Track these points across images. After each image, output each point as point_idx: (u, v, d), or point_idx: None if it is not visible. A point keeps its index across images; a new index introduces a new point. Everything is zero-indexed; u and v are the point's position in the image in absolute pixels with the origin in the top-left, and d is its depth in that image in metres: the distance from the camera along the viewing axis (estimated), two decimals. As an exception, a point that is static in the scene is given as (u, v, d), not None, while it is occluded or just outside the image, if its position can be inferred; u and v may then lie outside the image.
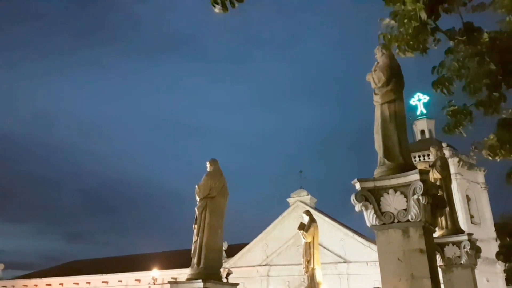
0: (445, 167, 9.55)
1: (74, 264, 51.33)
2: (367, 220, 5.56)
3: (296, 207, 30.72)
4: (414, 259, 5.10)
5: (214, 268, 8.73)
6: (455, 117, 5.00)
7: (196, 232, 9.06)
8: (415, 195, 5.22)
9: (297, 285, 27.54)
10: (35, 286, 43.23)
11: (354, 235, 28.07)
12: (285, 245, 30.24)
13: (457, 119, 4.97)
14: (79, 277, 40.44)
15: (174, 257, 37.11)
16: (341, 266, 27.18)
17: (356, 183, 5.66)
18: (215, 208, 9.23)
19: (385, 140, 5.88)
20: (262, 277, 30.54)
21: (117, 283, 37.71)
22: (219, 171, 9.81)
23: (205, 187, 9.33)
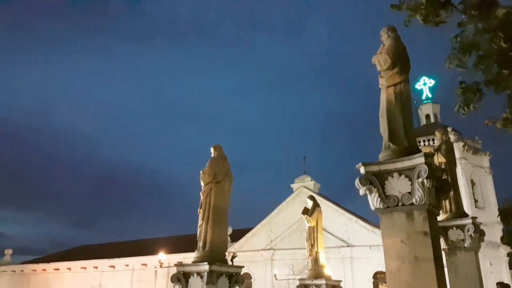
0: (450, 151, 9.53)
1: (82, 249, 52.17)
2: (371, 204, 5.58)
3: (299, 192, 30.89)
4: (418, 242, 5.13)
5: (220, 251, 8.83)
6: (465, 95, 4.96)
7: (201, 217, 9.13)
8: (419, 178, 5.23)
9: (300, 269, 27.87)
10: (43, 271, 44.05)
11: (357, 220, 28.25)
12: (288, 229, 30.51)
13: (467, 97, 4.92)
14: (86, 262, 41.13)
15: (180, 242, 37.56)
16: (345, 250, 27.43)
17: (360, 167, 5.67)
18: (220, 193, 9.28)
19: (390, 123, 5.85)
20: (266, 261, 30.92)
21: (124, 267, 38.33)
22: (223, 156, 9.84)
23: (210, 172, 9.37)
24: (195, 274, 8.26)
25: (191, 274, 8.32)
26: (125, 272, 38.16)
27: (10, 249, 49.31)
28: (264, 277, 30.56)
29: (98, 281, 39.63)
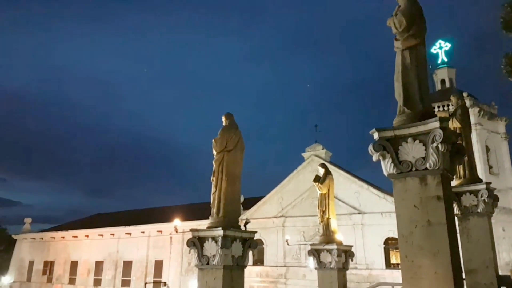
0: (465, 116, 9.35)
1: (98, 217, 53.77)
2: (385, 169, 5.56)
3: (311, 161, 30.96)
4: (431, 206, 5.13)
5: (233, 217, 8.98)
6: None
7: (214, 184, 9.23)
8: (434, 143, 5.16)
9: (311, 235, 28.39)
10: (62, 238, 45.67)
11: (369, 187, 28.33)
12: (300, 197, 30.84)
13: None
14: (103, 229, 42.42)
15: (193, 209, 38.41)
16: (356, 217, 27.71)
17: (374, 133, 5.61)
18: (232, 161, 9.33)
19: (405, 87, 5.74)
20: (277, 227, 31.50)
21: (139, 234, 39.49)
22: (235, 125, 9.83)
23: (222, 141, 9.40)
24: (210, 239, 8.46)
25: (206, 239, 8.52)
26: (141, 239, 39.37)
27: (29, 218, 51.10)
28: (276, 243, 31.25)
29: (115, 248, 41.03)
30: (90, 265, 42.51)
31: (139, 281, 37.76)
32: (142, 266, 38.71)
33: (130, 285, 38.98)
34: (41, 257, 46.90)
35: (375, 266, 26.22)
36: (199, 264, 8.52)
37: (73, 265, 43.85)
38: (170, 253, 37.43)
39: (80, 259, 43.53)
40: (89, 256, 42.80)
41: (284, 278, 29.96)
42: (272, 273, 30.68)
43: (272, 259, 31.13)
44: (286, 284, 29.48)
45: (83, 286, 42.05)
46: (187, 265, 35.94)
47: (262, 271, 30.98)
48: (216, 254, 8.29)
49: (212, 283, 8.15)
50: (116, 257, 40.75)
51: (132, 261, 39.61)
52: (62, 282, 43.94)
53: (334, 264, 11.43)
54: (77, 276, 43.07)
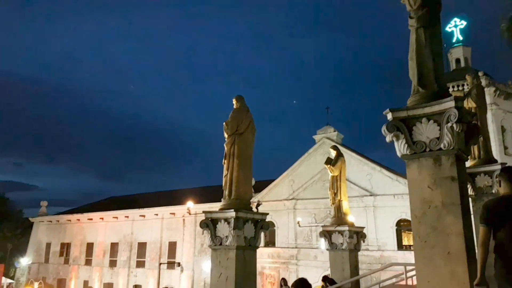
0: (480, 96, 9.16)
1: (112, 200, 54.70)
2: (398, 150, 5.51)
3: (322, 143, 30.81)
4: (445, 187, 5.08)
5: (245, 199, 9.06)
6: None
7: (226, 167, 9.29)
8: (449, 122, 5.08)
9: (323, 217, 28.51)
10: (77, 221, 46.69)
11: (381, 169, 28.17)
12: (311, 180, 30.85)
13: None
14: (118, 212, 43.20)
15: (205, 192, 38.79)
16: (368, 199, 27.66)
17: (388, 113, 5.54)
18: (243, 144, 9.34)
19: (420, 66, 5.62)
20: (289, 210, 31.68)
21: (153, 217, 40.16)
22: (246, 107, 9.81)
23: (233, 124, 9.40)
24: (223, 220, 8.57)
25: (218, 220, 8.64)
26: (155, 221, 40.04)
27: (45, 201, 52.23)
28: (287, 225, 31.48)
29: (129, 230, 41.84)
30: (105, 246, 43.50)
31: (154, 262, 38.59)
32: (156, 247, 39.48)
33: (144, 266, 39.87)
34: (57, 239, 48.11)
35: (387, 248, 26.30)
36: (212, 245, 8.66)
37: (89, 247, 44.93)
38: (183, 234, 38.05)
39: (95, 241, 44.54)
40: (105, 238, 43.75)
41: (295, 259, 30.29)
42: (283, 254, 31.02)
43: (284, 241, 31.42)
44: (297, 265, 29.81)
45: (99, 267, 43.14)
46: (200, 246, 36.53)
47: (273, 252, 31.34)
48: (229, 235, 8.41)
49: (225, 263, 8.29)
50: (131, 238, 41.60)
51: (146, 243, 40.41)
52: (79, 263, 45.13)
53: (345, 245, 11.52)
54: (93, 258, 44.18)
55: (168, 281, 37.23)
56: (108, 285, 41.61)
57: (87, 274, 43.84)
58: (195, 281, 35.95)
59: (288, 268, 30.07)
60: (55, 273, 46.70)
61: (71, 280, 44.91)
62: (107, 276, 42.16)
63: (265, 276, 30.87)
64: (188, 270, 36.41)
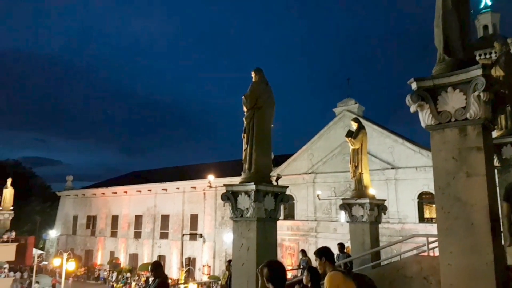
0: (509, 64, 8.75)
1: (135, 174, 56.04)
2: (422, 121, 5.38)
3: (342, 116, 30.39)
4: (470, 157, 4.96)
5: (265, 172, 9.10)
6: None
7: (245, 141, 9.29)
8: (475, 91, 4.90)
9: (342, 191, 28.48)
10: (102, 194, 48.17)
11: (404, 142, 27.69)
12: (330, 154, 30.67)
13: None
14: (141, 186, 44.33)
15: (225, 167, 39.20)
16: (389, 172, 27.38)
17: (412, 83, 5.38)
18: (262, 117, 9.29)
19: (446, 33, 5.39)
20: (308, 183, 31.74)
21: (175, 190, 41.06)
22: (265, 80, 9.69)
23: (252, 97, 9.32)
24: (243, 193, 8.67)
25: (239, 193, 8.75)
26: (177, 194, 40.95)
27: (70, 176, 53.96)
28: (306, 198, 31.64)
29: (153, 203, 42.97)
30: (130, 219, 44.90)
31: (176, 233, 39.72)
32: (179, 220, 40.52)
33: (168, 237, 41.11)
34: (84, 212, 49.90)
35: (408, 220, 26.20)
36: (234, 217, 8.81)
37: (114, 219, 46.48)
38: (204, 207, 38.84)
39: (120, 213, 46.00)
40: (129, 211, 45.12)
41: (315, 232, 30.59)
42: (303, 227, 31.35)
43: (303, 214, 31.68)
44: (317, 237, 30.13)
45: (124, 239, 44.71)
46: (220, 219, 37.28)
47: (292, 225, 31.71)
48: (250, 207, 8.52)
49: (247, 233, 8.44)
50: (154, 211, 42.76)
51: (169, 215, 41.51)
52: (105, 235, 46.86)
53: (366, 218, 11.51)
54: (118, 229, 45.76)
55: (191, 252, 38.37)
56: (134, 255, 43.21)
57: (113, 245, 45.57)
58: (216, 251, 36.92)
59: (307, 240, 30.44)
60: (83, 244, 48.71)
61: (98, 251, 46.81)
62: (132, 247, 43.72)
63: (284, 248, 31.38)
64: (209, 241, 37.36)
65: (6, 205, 36.87)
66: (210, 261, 36.98)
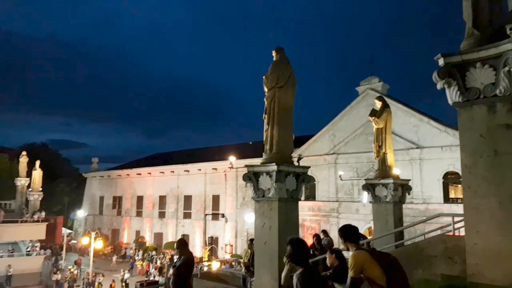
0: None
1: (158, 156, 57.04)
2: (449, 98, 5.23)
3: (366, 95, 29.77)
4: (499, 135, 4.81)
5: (286, 153, 9.07)
6: None
7: (266, 122, 9.25)
8: (506, 66, 4.71)
9: (365, 171, 28.19)
10: (127, 176, 49.36)
11: (429, 121, 26.96)
12: (353, 134, 30.27)
13: None
14: (164, 167, 45.20)
15: (246, 148, 39.39)
16: (414, 151, 26.83)
17: (439, 59, 5.21)
18: (284, 97, 9.20)
19: (475, 7, 5.17)
20: (329, 164, 31.53)
21: (197, 172, 41.65)
22: (286, 59, 9.55)
23: (273, 77, 9.22)
24: (264, 174, 8.69)
25: (260, 173, 8.78)
26: (198, 176, 41.55)
27: (96, 158, 55.49)
28: (327, 179, 31.50)
29: (175, 184, 43.78)
30: (154, 199, 45.97)
31: (199, 213, 40.50)
32: (201, 200, 41.23)
33: (191, 217, 42.00)
34: (110, 192, 51.36)
35: (433, 201, 25.79)
36: (255, 197, 8.88)
37: (139, 200, 47.70)
38: (225, 188, 39.31)
39: (145, 194, 47.13)
40: (153, 192, 46.16)
41: (336, 212, 30.56)
42: (324, 207, 31.34)
43: (324, 195, 31.62)
44: (338, 217, 30.10)
45: (149, 218, 45.91)
46: (241, 200, 37.70)
47: (314, 206, 31.74)
48: (271, 187, 8.55)
49: (268, 213, 8.51)
50: (177, 192, 43.60)
51: (191, 196, 42.28)
52: (130, 214, 48.22)
53: (390, 198, 11.39)
54: (143, 209, 46.98)
55: (213, 231, 39.12)
56: (158, 234, 44.42)
57: (138, 225, 46.91)
58: (238, 231, 37.51)
59: (328, 221, 30.48)
60: (109, 223, 50.32)
61: (124, 230, 48.31)
62: (157, 226, 44.90)
63: (305, 228, 31.55)
64: (231, 221, 37.93)
65: (36, 186, 38.33)
66: (232, 240, 37.64)
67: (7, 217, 34.68)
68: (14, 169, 41.17)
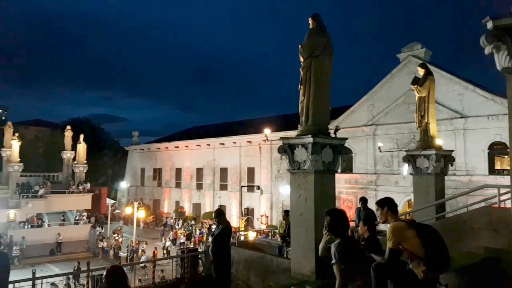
0: None
1: (195, 130, 58.11)
2: (498, 64, 4.83)
3: (407, 62, 28.41)
4: (553, 102, 4.43)
5: (322, 124, 8.86)
6: None
7: (302, 93, 9.01)
8: None
9: (406, 142, 27.34)
10: (166, 148, 50.81)
11: (475, 88, 25.51)
12: (393, 104, 29.24)
13: None
14: (200, 140, 46.08)
15: (280, 120, 39.19)
16: (458, 121, 25.61)
17: (488, 22, 4.79)
18: (320, 67, 8.89)
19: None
20: (367, 136, 30.79)
21: (231, 145, 42.14)
22: (323, 27, 9.14)
23: (309, 46, 8.89)
24: (300, 146, 8.56)
25: (296, 145, 8.65)
26: (233, 149, 42.04)
27: (136, 131, 57.27)
28: (365, 151, 30.87)
29: (212, 156, 44.60)
30: (192, 171, 47.20)
31: (235, 185, 41.26)
32: (237, 173, 41.85)
33: (227, 189, 42.89)
34: (150, 165, 53.21)
35: (477, 172, 24.74)
36: (291, 169, 8.80)
37: (178, 172, 49.15)
38: (260, 161, 39.59)
39: (183, 166, 48.44)
40: (190, 164, 47.36)
41: (374, 185, 30.07)
42: (361, 180, 30.90)
43: (362, 167, 31.10)
44: (376, 190, 29.63)
45: (188, 189, 47.32)
46: (276, 172, 37.88)
47: (351, 178, 31.35)
48: (307, 159, 8.42)
49: (304, 185, 8.43)
50: (213, 164, 44.45)
51: (227, 168, 42.99)
52: (170, 186, 49.89)
53: (431, 169, 10.98)
54: (182, 181, 48.44)
55: (249, 203, 39.81)
56: (197, 205, 45.82)
57: (177, 195, 48.53)
58: (273, 203, 37.94)
59: (366, 194, 29.98)
60: (151, 194, 52.37)
61: (165, 201, 50.21)
62: (195, 197, 46.29)
63: (342, 200, 31.37)
64: (266, 193, 38.37)
65: (81, 159, 40.23)
66: (268, 212, 38.17)
67: (55, 189, 36.84)
68: (60, 143, 43.28)
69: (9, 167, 35.65)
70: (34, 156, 47.37)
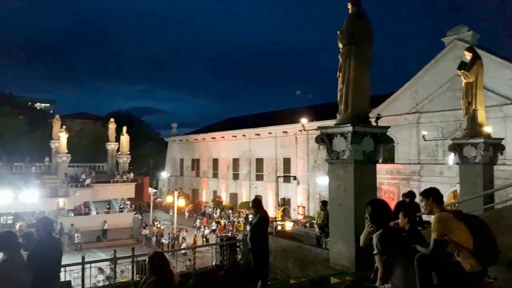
0: None
1: (231, 121, 58.62)
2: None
3: (453, 46, 26.85)
4: None
5: (362, 113, 8.59)
6: None
7: (341, 80, 8.76)
8: None
9: (451, 131, 26.10)
10: (203, 140, 51.71)
11: (528, 73, 23.88)
12: (438, 90, 27.90)
13: None
14: (236, 131, 46.47)
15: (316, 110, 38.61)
16: (508, 108, 24.03)
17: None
18: (360, 53, 8.60)
19: None
20: (410, 124, 29.66)
21: (267, 135, 42.13)
22: (363, 12, 8.81)
23: (348, 32, 8.61)
24: (339, 135, 8.34)
25: (334, 135, 8.44)
26: (269, 139, 42.01)
27: (175, 123, 58.56)
28: (408, 140, 29.78)
29: (247, 147, 44.85)
30: (228, 162, 47.71)
31: (271, 176, 41.28)
32: (272, 163, 41.82)
33: (263, 179, 43.04)
34: (188, 155, 54.35)
35: (529, 162, 23.28)
36: (329, 159, 8.62)
37: (215, 162, 49.87)
38: (296, 151, 39.28)
39: (219, 157, 49.08)
40: (227, 154, 47.88)
41: (417, 175, 29.01)
42: (404, 170, 29.90)
43: (404, 157, 30.07)
44: (420, 181, 28.56)
45: (225, 179, 47.92)
46: (313, 163, 37.45)
47: (392, 169, 30.41)
48: (346, 149, 8.21)
49: (343, 175, 8.23)
50: (249, 155, 44.67)
51: (263, 159, 43.08)
52: (208, 176, 50.78)
53: (479, 159, 10.41)
54: (219, 171, 49.14)
55: (285, 193, 39.74)
56: (234, 195, 46.37)
57: (215, 185, 49.33)
58: (310, 193, 37.61)
59: (409, 184, 29.04)
60: (189, 184, 53.58)
61: (203, 190, 51.24)
62: (232, 187, 46.83)
63: (383, 191, 30.54)
64: (303, 183, 38.10)
65: (124, 150, 41.63)
66: (304, 202, 37.90)
67: (100, 178, 38.44)
68: (103, 135, 44.91)
69: (58, 158, 37.43)
70: (80, 147, 49.50)
